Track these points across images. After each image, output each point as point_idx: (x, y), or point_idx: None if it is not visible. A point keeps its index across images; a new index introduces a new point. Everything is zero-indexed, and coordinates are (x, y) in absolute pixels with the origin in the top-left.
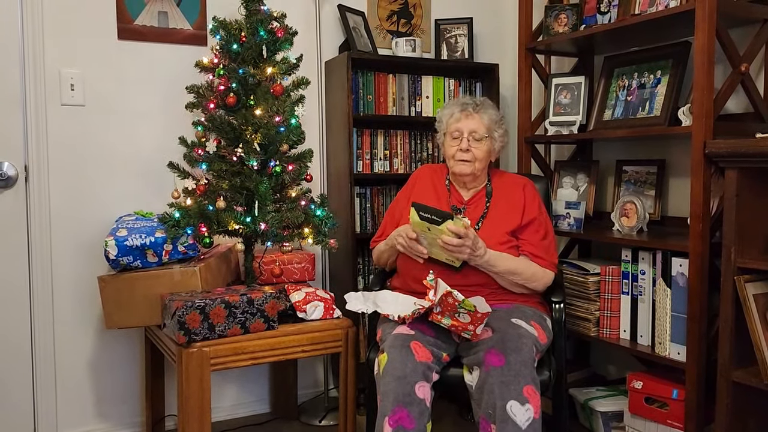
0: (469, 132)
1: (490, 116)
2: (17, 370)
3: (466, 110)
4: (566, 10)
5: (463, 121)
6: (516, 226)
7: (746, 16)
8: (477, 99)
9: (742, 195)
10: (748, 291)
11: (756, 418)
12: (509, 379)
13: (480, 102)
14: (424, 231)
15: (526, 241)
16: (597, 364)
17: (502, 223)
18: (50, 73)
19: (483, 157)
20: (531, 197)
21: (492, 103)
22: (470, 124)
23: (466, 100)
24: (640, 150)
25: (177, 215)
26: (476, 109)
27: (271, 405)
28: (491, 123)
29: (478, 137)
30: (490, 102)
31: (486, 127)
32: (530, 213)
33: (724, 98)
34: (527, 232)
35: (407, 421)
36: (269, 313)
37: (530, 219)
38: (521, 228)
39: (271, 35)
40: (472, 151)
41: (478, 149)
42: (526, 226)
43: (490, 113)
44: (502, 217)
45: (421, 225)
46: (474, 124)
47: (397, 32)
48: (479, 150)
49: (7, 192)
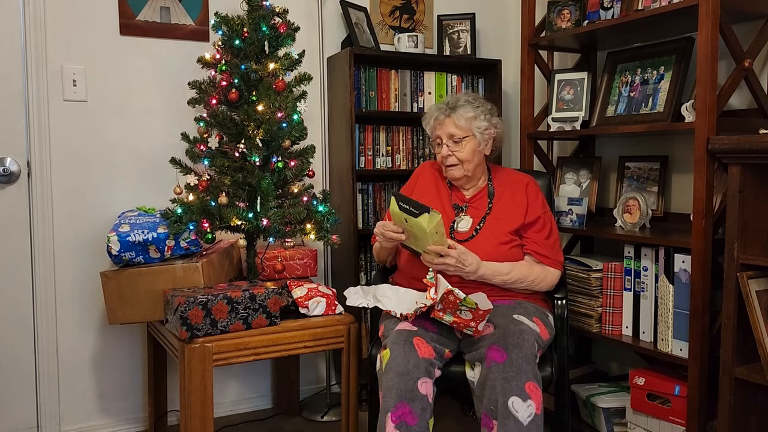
0: (448, 137)
1: (464, 115)
2: (20, 365)
3: (440, 117)
4: (569, 5)
5: (438, 128)
6: (519, 225)
7: (750, 12)
8: (455, 98)
9: (745, 191)
10: (750, 287)
11: (758, 414)
12: (511, 375)
13: (454, 102)
14: (402, 222)
15: (530, 239)
16: (599, 360)
17: (505, 223)
18: (52, 69)
19: (469, 158)
20: (534, 195)
21: (473, 97)
22: (446, 128)
23: (443, 102)
24: (643, 146)
25: (179, 211)
26: (448, 112)
27: (273, 401)
28: (467, 121)
29: (457, 139)
30: (470, 97)
31: (462, 127)
32: (534, 211)
33: (728, 94)
34: (531, 231)
35: (410, 417)
36: (271, 308)
37: (534, 217)
38: (525, 227)
39: (274, 31)
40: (454, 155)
41: (460, 151)
42: (530, 225)
43: (462, 112)
44: (504, 216)
45: (399, 216)
46: (449, 128)
47: (399, 28)
48: (462, 152)
49: (9, 187)
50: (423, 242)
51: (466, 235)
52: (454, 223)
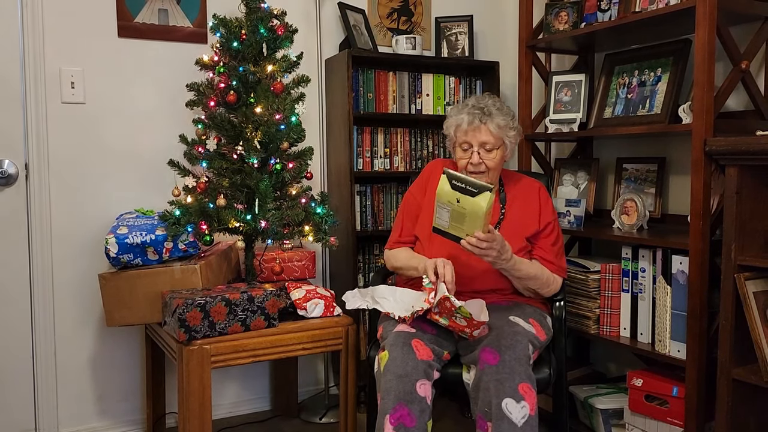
0: (479, 144)
1: (499, 123)
2: (18, 367)
3: (474, 122)
4: (567, 7)
5: (470, 133)
6: (534, 231)
7: (747, 13)
8: (485, 103)
9: (742, 192)
10: (748, 288)
11: (756, 415)
12: (504, 376)
13: (488, 108)
14: (452, 202)
15: (538, 245)
16: (597, 361)
17: (520, 229)
18: (50, 71)
19: (497, 166)
20: (545, 201)
21: (500, 102)
22: (479, 136)
23: (473, 106)
24: (641, 147)
25: (177, 213)
26: (484, 119)
27: (272, 402)
28: (501, 130)
29: (489, 148)
30: (498, 103)
31: (496, 136)
32: (545, 218)
33: (725, 96)
34: (540, 237)
35: (408, 419)
36: (270, 310)
37: (545, 224)
38: (537, 233)
39: (272, 33)
40: (485, 162)
41: (491, 160)
42: (541, 231)
43: (498, 120)
44: (519, 222)
45: (450, 195)
46: (483, 136)
47: (397, 30)
48: (492, 161)
49: (7, 190)
50: (473, 225)
51: None
52: None
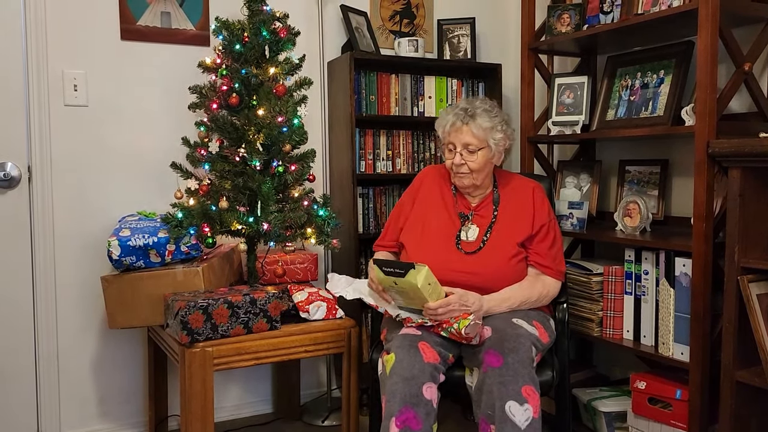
0: (463, 145)
1: (482, 125)
2: (21, 369)
3: (456, 123)
4: (569, 9)
5: (453, 134)
6: (527, 235)
7: (749, 15)
8: (473, 104)
9: (745, 195)
10: (751, 291)
11: (759, 418)
12: (507, 379)
13: (473, 110)
14: (392, 286)
15: (533, 250)
16: (600, 364)
17: (512, 234)
18: (53, 74)
19: (480, 168)
20: (540, 202)
21: (490, 105)
22: (462, 137)
23: (460, 108)
24: (644, 150)
25: (180, 215)
26: (467, 120)
27: (274, 405)
28: (485, 132)
29: (472, 149)
30: (486, 105)
31: (478, 137)
32: (540, 220)
33: (728, 98)
34: (535, 241)
35: (414, 422)
36: (272, 313)
37: (539, 226)
38: (530, 237)
39: (274, 35)
40: (467, 164)
41: (474, 161)
42: (535, 234)
43: (481, 122)
44: (511, 226)
45: (387, 281)
46: (466, 136)
47: (399, 32)
48: (475, 162)
49: (10, 192)
50: (420, 298)
51: (474, 247)
52: (460, 232)
